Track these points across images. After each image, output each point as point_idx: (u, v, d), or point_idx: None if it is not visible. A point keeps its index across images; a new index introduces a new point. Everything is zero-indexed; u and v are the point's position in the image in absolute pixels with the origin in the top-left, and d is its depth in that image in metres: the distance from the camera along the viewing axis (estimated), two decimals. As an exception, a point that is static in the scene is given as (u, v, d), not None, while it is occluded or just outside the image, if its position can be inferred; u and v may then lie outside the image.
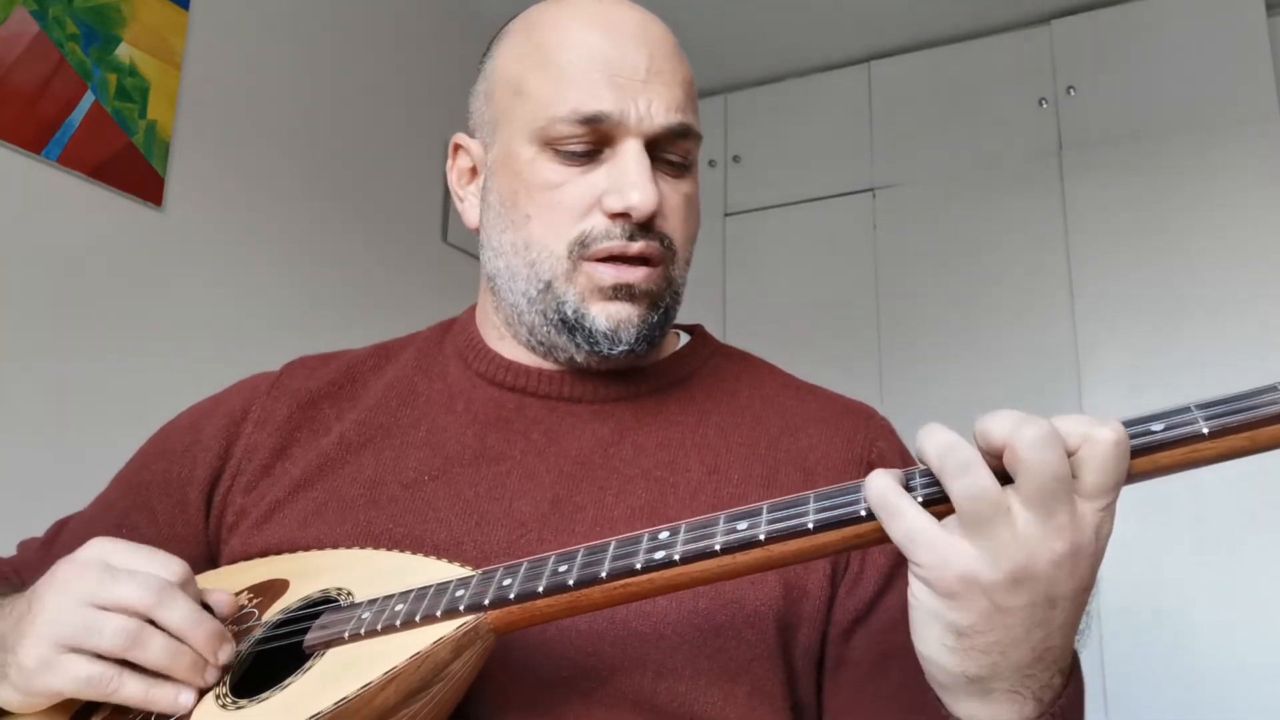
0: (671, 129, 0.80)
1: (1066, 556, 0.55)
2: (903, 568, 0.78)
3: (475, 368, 0.88)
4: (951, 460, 0.55)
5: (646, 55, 0.80)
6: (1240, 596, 2.29)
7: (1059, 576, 0.55)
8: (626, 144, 0.79)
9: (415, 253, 2.64)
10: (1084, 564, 0.56)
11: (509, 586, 0.63)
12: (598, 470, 0.80)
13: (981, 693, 0.58)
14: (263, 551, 0.81)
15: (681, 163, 0.83)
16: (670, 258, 0.82)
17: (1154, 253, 2.55)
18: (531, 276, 0.81)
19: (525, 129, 0.81)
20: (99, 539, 0.72)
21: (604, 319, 0.79)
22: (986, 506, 0.54)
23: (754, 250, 3.04)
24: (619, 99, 0.78)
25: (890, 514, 0.56)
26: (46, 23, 1.85)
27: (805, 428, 0.84)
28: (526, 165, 0.81)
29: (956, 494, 0.55)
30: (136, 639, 0.67)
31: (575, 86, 0.79)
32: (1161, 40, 2.65)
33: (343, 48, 2.51)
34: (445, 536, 0.78)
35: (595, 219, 0.79)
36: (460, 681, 0.65)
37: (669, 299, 0.83)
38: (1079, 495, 0.55)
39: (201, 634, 0.68)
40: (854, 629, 0.77)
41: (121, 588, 0.68)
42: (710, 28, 2.94)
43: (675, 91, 0.81)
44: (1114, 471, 0.55)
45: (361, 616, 0.67)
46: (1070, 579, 0.56)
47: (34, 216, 1.80)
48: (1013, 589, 0.55)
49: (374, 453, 0.84)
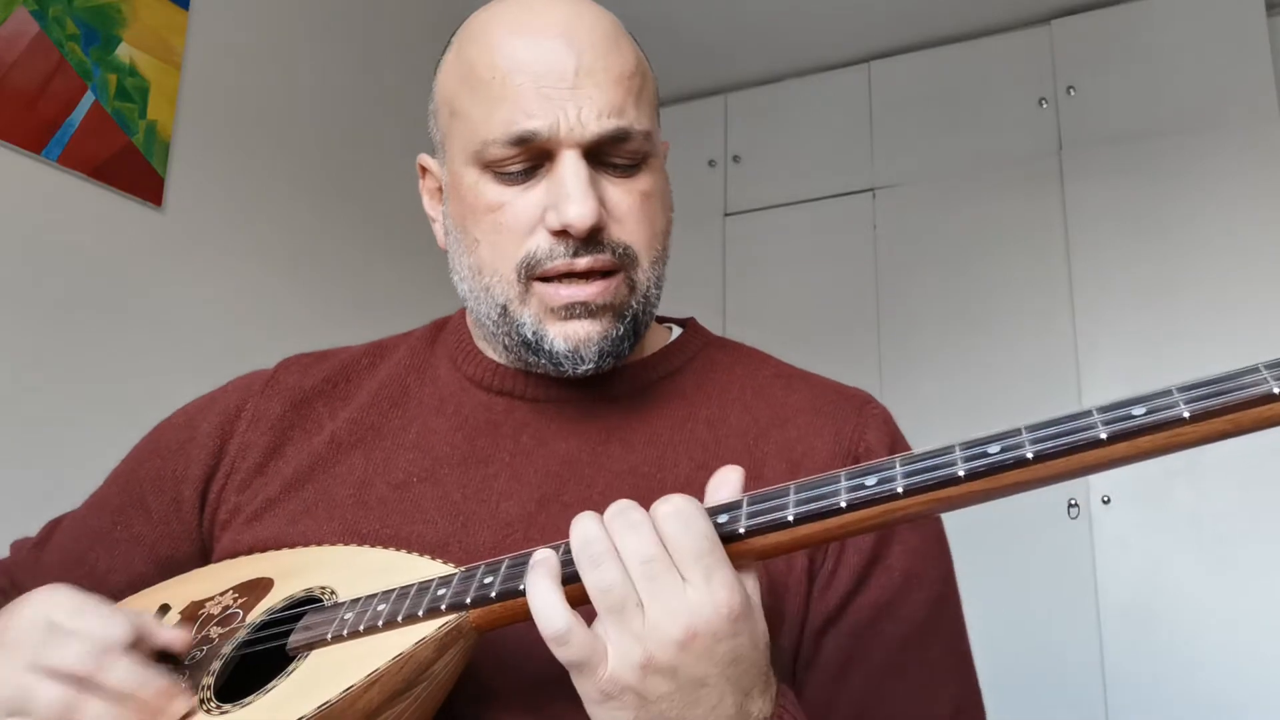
0: (606, 135, 0.75)
1: (685, 639, 0.57)
2: (875, 568, 0.78)
3: (465, 371, 0.88)
4: (584, 554, 0.59)
5: (574, 57, 0.76)
6: (1240, 596, 2.28)
7: (686, 660, 0.57)
8: (562, 156, 0.75)
9: (415, 253, 2.64)
10: (704, 641, 0.58)
11: (490, 585, 0.63)
12: (585, 469, 0.80)
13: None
14: (252, 548, 0.81)
15: (629, 164, 0.79)
16: (630, 263, 0.79)
17: (1154, 252, 2.55)
18: (489, 300, 0.80)
19: (463, 152, 0.79)
20: (48, 588, 0.71)
21: (562, 340, 0.77)
22: (616, 601, 0.57)
23: (754, 250, 3.04)
24: (547, 112, 0.74)
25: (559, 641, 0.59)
26: (46, 23, 1.85)
27: (794, 418, 0.83)
28: (470, 190, 0.79)
29: (589, 587, 0.58)
30: (71, 709, 0.65)
31: (503, 105, 0.75)
32: (1161, 40, 2.65)
33: (343, 48, 2.51)
34: (431, 537, 0.78)
35: (539, 238, 0.77)
36: (444, 681, 0.65)
37: (636, 306, 0.80)
38: (679, 570, 0.58)
39: (148, 694, 0.67)
40: (826, 629, 0.77)
41: (61, 652, 0.66)
42: (710, 28, 2.94)
43: (609, 93, 0.76)
44: (686, 538, 0.58)
45: (344, 617, 0.67)
46: (699, 659, 0.58)
47: (34, 216, 1.81)
48: (649, 680, 0.58)
49: (364, 453, 0.84)
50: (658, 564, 0.58)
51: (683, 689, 0.58)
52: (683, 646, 0.57)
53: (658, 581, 0.57)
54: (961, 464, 0.56)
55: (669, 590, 0.57)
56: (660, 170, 0.83)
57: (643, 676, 0.57)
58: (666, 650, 0.57)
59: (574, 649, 0.58)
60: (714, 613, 0.57)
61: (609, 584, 0.58)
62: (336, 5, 2.50)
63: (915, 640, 0.77)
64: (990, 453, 0.55)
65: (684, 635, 0.57)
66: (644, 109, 0.79)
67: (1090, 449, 0.54)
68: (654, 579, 0.57)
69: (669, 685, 0.58)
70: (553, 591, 0.59)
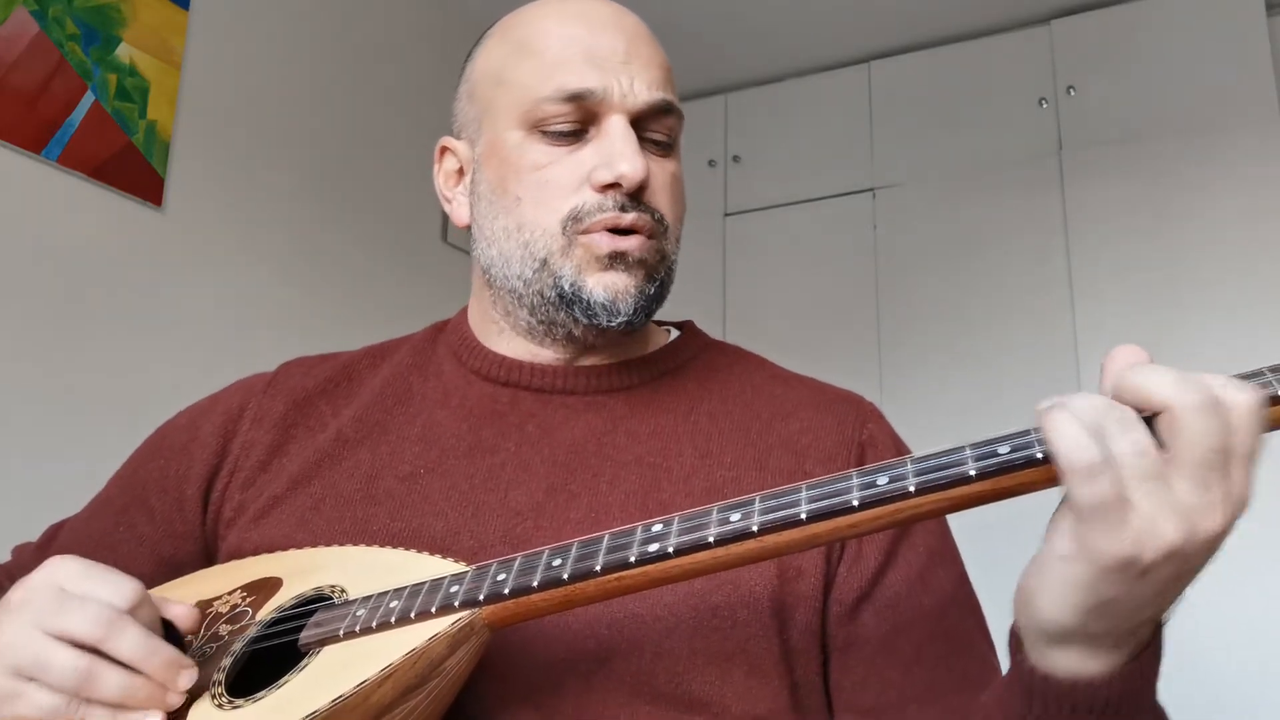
0: (655, 105, 0.82)
1: (1216, 530, 0.52)
2: (902, 544, 0.79)
3: (469, 364, 0.89)
4: (1113, 418, 0.52)
5: (624, 39, 0.82)
6: (1240, 595, 2.28)
7: (1202, 550, 0.53)
8: (612, 120, 0.80)
9: (415, 253, 2.64)
10: (1223, 536, 0.53)
11: (503, 581, 0.63)
12: (591, 458, 0.81)
13: (1087, 646, 0.57)
14: (259, 546, 0.81)
15: (666, 141, 0.85)
16: (662, 232, 0.83)
17: (1154, 252, 2.55)
18: (526, 257, 0.82)
19: (511, 115, 0.83)
20: (56, 558, 0.71)
21: (601, 290, 0.80)
22: (1152, 468, 0.52)
23: (754, 250, 3.04)
24: (602, 77, 0.80)
25: (1090, 473, 0.52)
26: (46, 23, 1.85)
27: (796, 412, 0.85)
28: (514, 150, 0.83)
29: (1122, 451, 0.52)
30: (86, 677, 0.65)
31: (558, 68, 0.81)
32: (1161, 40, 2.65)
33: (342, 48, 2.51)
34: (442, 528, 0.78)
35: (586, 194, 0.80)
36: (456, 677, 0.65)
37: (663, 273, 0.84)
38: (1233, 463, 0.53)
39: (155, 664, 0.67)
40: (860, 606, 0.78)
41: (71, 618, 0.66)
42: (710, 28, 2.94)
43: (655, 72, 0.83)
44: (1256, 437, 0.53)
45: (356, 614, 0.67)
46: (1208, 550, 0.53)
47: (34, 216, 1.80)
48: (1164, 563, 0.53)
49: (370, 448, 0.85)
50: (1224, 455, 0.52)
51: (1175, 578, 0.54)
52: (1208, 538, 0.52)
53: (1214, 470, 0.52)
54: (972, 463, 0.56)
55: (1212, 479, 0.52)
56: (681, 165, 0.88)
57: (1163, 557, 0.52)
58: (1194, 538, 0.52)
59: (1104, 485, 0.51)
60: (1241, 508, 0.53)
61: (1145, 447, 0.52)
62: (336, 5, 2.50)
63: (953, 610, 0.79)
64: (1000, 453, 0.56)
65: (1216, 526, 0.52)
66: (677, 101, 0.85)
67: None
68: (1212, 467, 0.52)
69: (1171, 571, 0.53)
70: (1074, 422, 0.53)
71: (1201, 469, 0.52)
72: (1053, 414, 0.54)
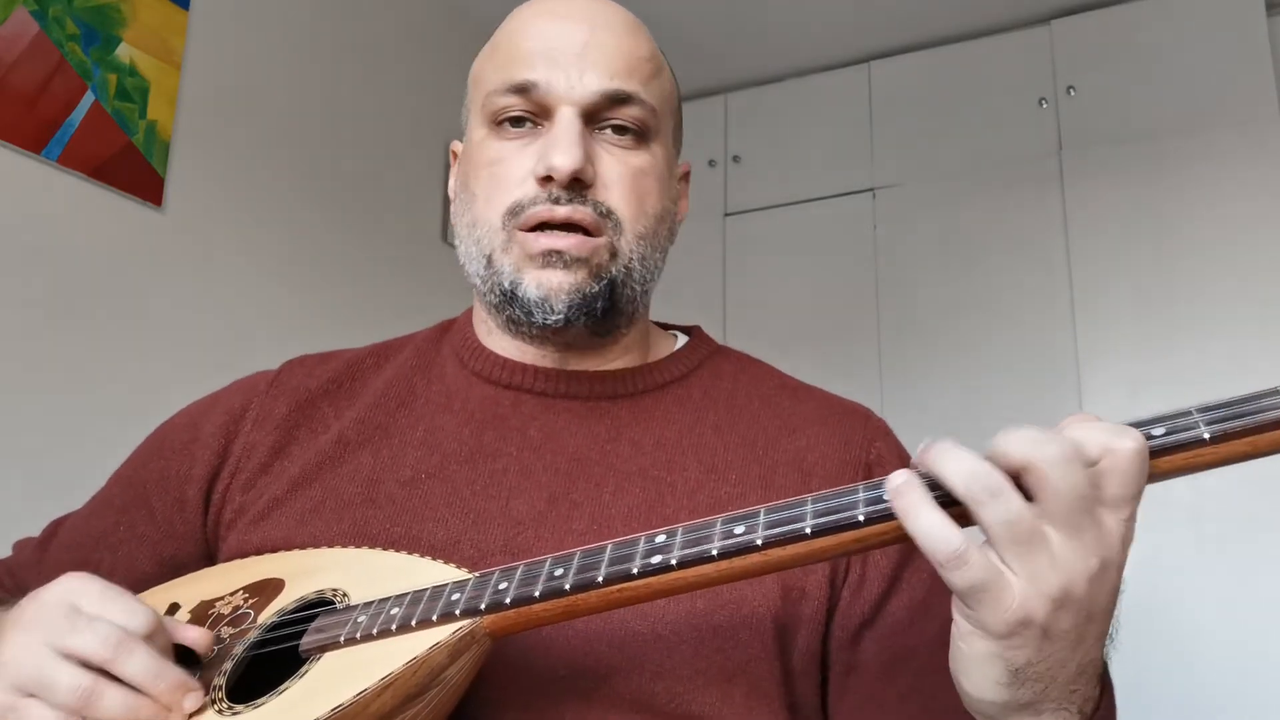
0: (606, 94, 0.80)
1: (1099, 572, 0.54)
2: (906, 569, 0.78)
3: (471, 366, 0.88)
4: (978, 487, 0.53)
5: (587, 30, 0.81)
6: (1241, 596, 2.29)
7: (1095, 592, 0.55)
8: (560, 111, 0.79)
9: (415, 253, 2.64)
10: (1113, 574, 0.55)
11: (505, 590, 0.63)
12: (594, 468, 0.80)
13: (1031, 716, 0.58)
14: (259, 549, 0.81)
15: (631, 129, 0.82)
16: (614, 228, 0.80)
17: (1154, 253, 2.55)
18: (478, 254, 0.82)
19: (478, 113, 0.84)
20: (72, 575, 0.71)
21: (534, 288, 0.79)
22: (1024, 532, 0.53)
23: (754, 250, 3.04)
24: (550, 69, 0.80)
25: (957, 562, 0.54)
26: (46, 23, 1.85)
27: (803, 428, 0.84)
28: (477, 147, 0.84)
29: (990, 521, 0.53)
30: (89, 696, 0.65)
31: (514, 62, 0.81)
32: (1161, 40, 2.65)
33: (342, 48, 2.51)
34: (442, 536, 0.78)
35: (528, 187, 0.80)
36: (456, 686, 0.65)
37: (617, 272, 0.81)
38: (1102, 507, 0.54)
39: (161, 688, 0.66)
40: (861, 633, 0.77)
41: (81, 637, 0.66)
42: (710, 28, 2.94)
43: (616, 62, 0.81)
44: (1136, 481, 0.54)
45: (357, 620, 0.67)
46: (1103, 592, 0.55)
47: (34, 216, 1.80)
48: (1058, 614, 0.54)
49: (372, 452, 0.84)
50: (1091, 500, 0.54)
51: (1078, 626, 0.55)
52: (1093, 579, 0.54)
53: (1085, 515, 0.54)
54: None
55: (1091, 524, 0.54)
56: (664, 161, 0.86)
57: (1054, 609, 0.54)
58: (1079, 584, 0.54)
59: (974, 570, 0.53)
60: (1120, 547, 0.55)
61: (1016, 514, 0.53)
62: (337, 5, 2.50)
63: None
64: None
65: (1097, 568, 0.54)
66: (653, 91, 0.83)
67: None
68: (1082, 513, 0.54)
69: (1071, 621, 0.55)
70: (937, 510, 0.54)
71: (1072, 516, 0.53)
72: (911, 500, 0.55)
